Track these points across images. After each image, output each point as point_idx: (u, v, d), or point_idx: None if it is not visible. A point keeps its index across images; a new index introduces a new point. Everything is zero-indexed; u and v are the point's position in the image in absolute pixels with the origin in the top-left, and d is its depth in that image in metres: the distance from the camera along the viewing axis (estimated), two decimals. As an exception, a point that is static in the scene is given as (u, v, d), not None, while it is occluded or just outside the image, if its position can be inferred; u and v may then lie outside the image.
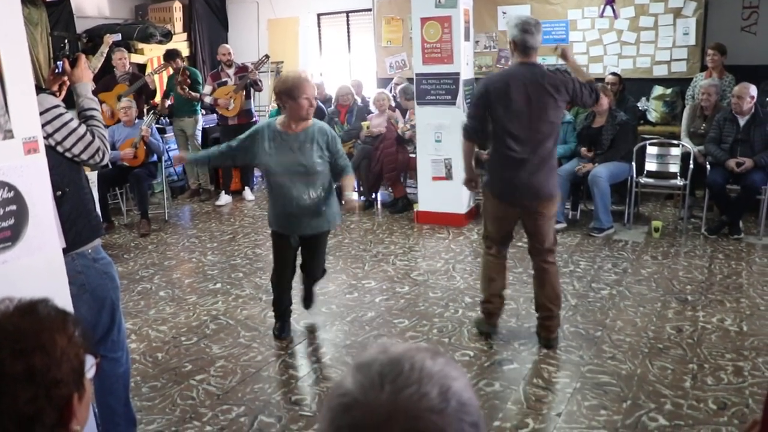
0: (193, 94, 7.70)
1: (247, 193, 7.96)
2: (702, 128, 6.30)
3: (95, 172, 6.07)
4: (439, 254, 5.63)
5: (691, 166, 6.03)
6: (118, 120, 6.96)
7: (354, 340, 4.04)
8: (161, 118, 8.02)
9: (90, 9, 9.21)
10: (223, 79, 7.62)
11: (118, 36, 5.91)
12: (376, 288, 4.89)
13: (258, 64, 7.66)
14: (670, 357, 3.64)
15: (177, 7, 9.79)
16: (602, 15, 7.91)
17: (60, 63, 2.68)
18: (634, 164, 6.16)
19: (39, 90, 2.41)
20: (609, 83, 6.88)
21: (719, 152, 5.82)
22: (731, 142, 5.80)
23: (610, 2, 7.80)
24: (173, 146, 8.27)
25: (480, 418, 0.78)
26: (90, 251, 2.56)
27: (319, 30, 10.27)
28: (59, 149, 2.44)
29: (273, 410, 3.26)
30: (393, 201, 7.20)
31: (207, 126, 8.35)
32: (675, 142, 6.37)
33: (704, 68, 7.14)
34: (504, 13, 8.29)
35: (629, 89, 7.34)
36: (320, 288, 4.89)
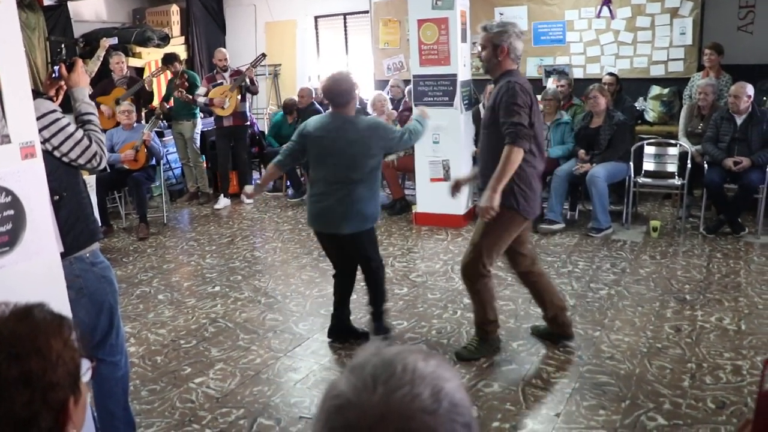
0: (192, 98, 7.71)
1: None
2: (699, 128, 6.31)
3: (93, 176, 6.07)
4: (438, 255, 5.63)
5: (689, 166, 6.04)
6: (117, 123, 6.97)
7: (353, 342, 4.03)
8: (161, 122, 8.03)
9: (87, 13, 9.23)
10: (218, 82, 7.63)
11: (115, 40, 5.94)
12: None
13: (255, 63, 7.67)
14: (669, 356, 3.64)
15: (174, 11, 9.81)
16: (599, 15, 7.93)
17: (57, 68, 2.69)
18: (632, 164, 6.17)
19: (36, 95, 2.42)
20: (606, 83, 6.89)
21: (716, 151, 5.83)
22: (728, 142, 5.81)
23: (607, 2, 7.82)
24: (172, 149, 8.28)
25: (472, 419, 0.79)
26: (88, 255, 2.57)
27: (317, 33, 10.29)
28: (56, 154, 2.44)
29: (272, 413, 3.26)
30: (391, 202, 7.20)
31: (205, 129, 8.35)
32: (672, 142, 6.38)
33: (701, 68, 7.15)
34: (501, 14, 8.30)
35: (626, 89, 7.35)
36: (319, 290, 4.92)
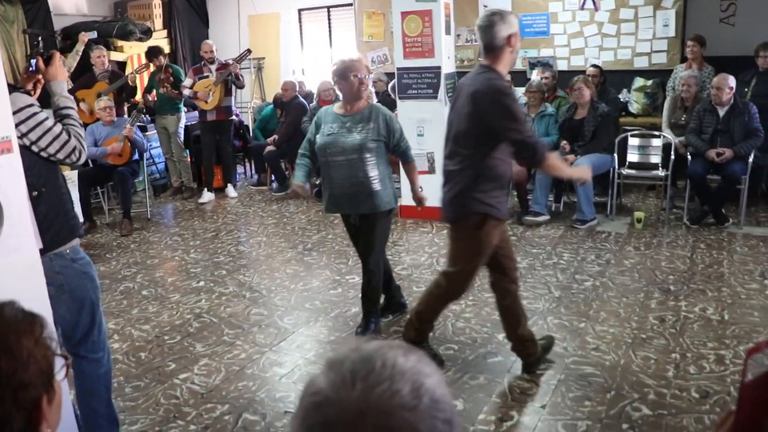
0: (176, 92, 7.64)
1: (230, 191, 7.92)
2: (683, 119, 6.35)
3: (75, 172, 6.00)
4: (423, 248, 5.63)
5: (673, 157, 6.07)
6: (98, 118, 6.89)
7: (338, 336, 4.03)
8: (144, 116, 7.96)
9: (68, 6, 9.12)
10: (205, 74, 7.56)
11: (94, 34, 5.86)
12: (360, 283, 4.87)
13: (239, 59, 7.62)
14: (653, 347, 3.66)
15: (156, 4, 9.72)
16: (583, 7, 7.94)
17: (34, 61, 2.64)
18: (616, 156, 6.19)
19: (13, 89, 2.38)
20: (590, 75, 6.91)
21: (699, 143, 5.87)
22: (711, 133, 5.85)
23: (591, -6, 7.83)
24: (155, 144, 8.21)
25: (454, 415, 0.78)
26: (68, 251, 2.53)
27: (300, 25, 10.23)
28: (34, 149, 2.40)
29: (257, 408, 3.24)
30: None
31: (189, 123, 8.29)
32: (656, 134, 6.41)
33: (684, 60, 7.18)
34: (485, 6, 8.28)
35: (610, 81, 7.38)
36: (304, 284, 4.90)
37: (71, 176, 5.80)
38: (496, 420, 3.05)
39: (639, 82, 7.57)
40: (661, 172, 6.26)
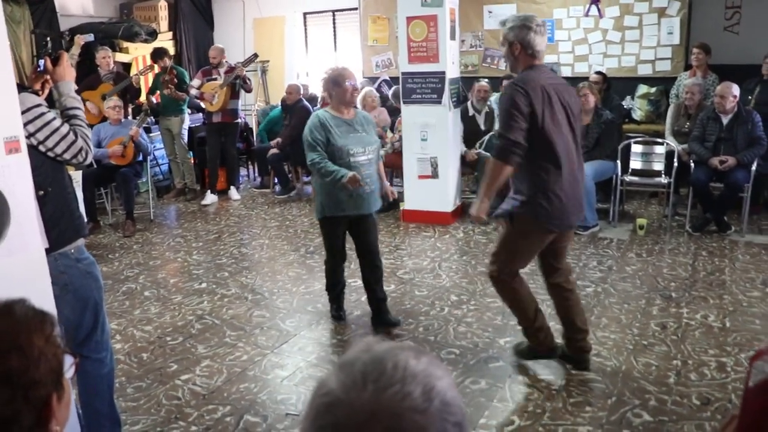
0: (180, 94, 7.65)
1: (233, 193, 7.93)
2: (686, 127, 6.36)
3: (79, 172, 6.02)
4: (425, 252, 5.64)
5: (676, 164, 6.08)
6: (103, 118, 6.91)
7: (340, 339, 4.04)
8: (149, 118, 7.98)
9: (74, 7, 9.15)
10: (213, 76, 7.60)
11: (91, 36, 5.82)
12: (362, 286, 4.87)
13: (246, 62, 7.64)
14: (655, 353, 3.66)
15: (162, 6, 9.75)
16: (587, 14, 7.95)
17: (42, 61, 2.65)
18: (619, 162, 6.20)
19: (21, 89, 2.40)
20: (594, 82, 6.91)
21: (703, 150, 5.87)
22: (714, 141, 5.85)
23: (595, 1, 7.85)
24: (159, 145, 8.23)
25: (464, 418, 0.78)
26: (73, 251, 2.54)
27: (306, 29, 10.26)
28: (41, 149, 2.42)
29: (259, 410, 3.25)
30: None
31: (193, 125, 8.31)
32: (659, 141, 6.41)
33: (688, 67, 7.19)
34: (490, 12, 8.31)
35: (614, 88, 7.38)
36: (306, 287, 4.91)
37: (75, 176, 5.82)
38: (498, 425, 3.05)
39: (643, 89, 7.58)
40: (664, 180, 6.27)
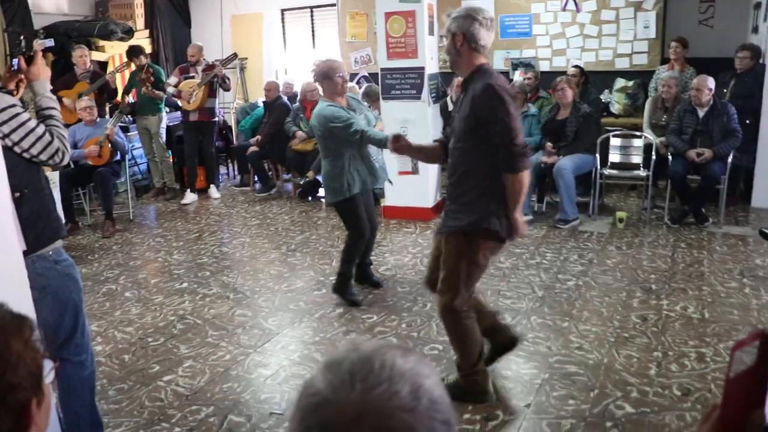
0: (157, 93, 7.58)
1: (213, 192, 7.87)
2: (663, 120, 6.42)
3: (57, 173, 5.94)
4: (407, 248, 5.64)
5: (654, 157, 6.13)
6: (79, 119, 6.83)
7: (323, 337, 4.03)
8: (126, 117, 7.90)
9: (48, 5, 9.01)
10: (191, 74, 7.52)
11: (51, 42, 5.69)
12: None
13: (226, 61, 7.58)
14: (636, 345, 3.70)
15: (138, 4, 9.63)
16: (565, 8, 8.00)
17: (16, 60, 2.61)
18: (598, 156, 6.24)
19: (-6, 89, 2.36)
20: (572, 76, 6.96)
21: (680, 143, 5.93)
22: (691, 134, 5.92)
23: (572, -4, 7.90)
24: (137, 145, 8.15)
25: (451, 416, 0.78)
26: (51, 253, 2.51)
27: (283, 26, 10.20)
28: (17, 150, 2.38)
29: (242, 409, 3.23)
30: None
31: (171, 124, 8.24)
32: (637, 134, 6.47)
33: (665, 61, 7.27)
34: (468, 8, 8.31)
35: (592, 82, 7.44)
36: (288, 285, 4.89)
37: (52, 177, 5.74)
38: (481, 419, 3.06)
39: (620, 83, 7.64)
40: (643, 172, 6.32)
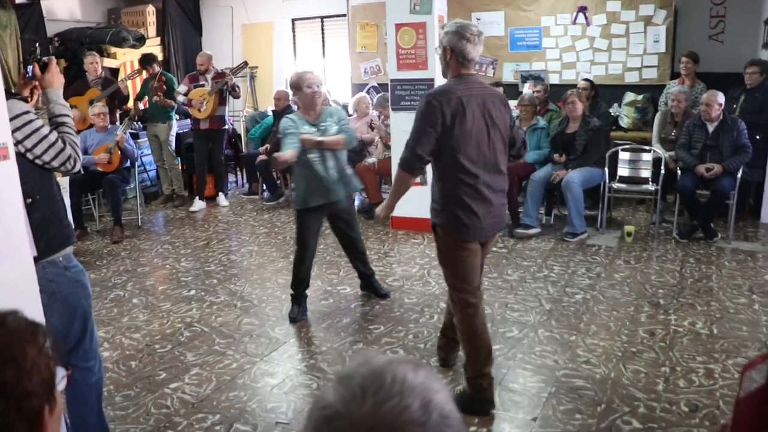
0: (168, 102, 7.61)
1: (221, 199, 7.90)
2: (672, 134, 6.41)
3: (67, 178, 5.98)
4: (414, 260, 5.64)
5: (663, 172, 6.12)
6: (90, 125, 6.87)
7: (330, 347, 4.03)
8: (136, 124, 7.94)
9: (61, 12, 9.10)
10: (201, 82, 7.56)
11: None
12: (352, 294, 4.88)
13: (236, 70, 7.62)
14: (643, 360, 3.68)
15: (150, 11, 9.72)
16: (575, 22, 8.01)
17: (30, 67, 2.64)
18: (607, 169, 6.24)
19: (9, 95, 2.38)
20: (582, 89, 6.96)
21: (689, 158, 5.92)
22: (701, 148, 5.91)
23: (583, 9, 7.91)
24: (147, 152, 8.20)
25: (462, 431, 0.79)
26: (61, 259, 2.53)
27: (294, 35, 10.25)
28: (29, 156, 2.40)
29: (248, 418, 3.23)
30: (369, 206, 7.19)
31: (181, 131, 8.29)
32: (646, 148, 6.45)
33: (675, 75, 7.26)
34: (478, 20, 8.34)
35: (602, 95, 7.44)
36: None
37: (62, 183, 5.77)
38: (488, 432, 3.06)
39: (630, 97, 7.63)
40: (651, 187, 6.31)
